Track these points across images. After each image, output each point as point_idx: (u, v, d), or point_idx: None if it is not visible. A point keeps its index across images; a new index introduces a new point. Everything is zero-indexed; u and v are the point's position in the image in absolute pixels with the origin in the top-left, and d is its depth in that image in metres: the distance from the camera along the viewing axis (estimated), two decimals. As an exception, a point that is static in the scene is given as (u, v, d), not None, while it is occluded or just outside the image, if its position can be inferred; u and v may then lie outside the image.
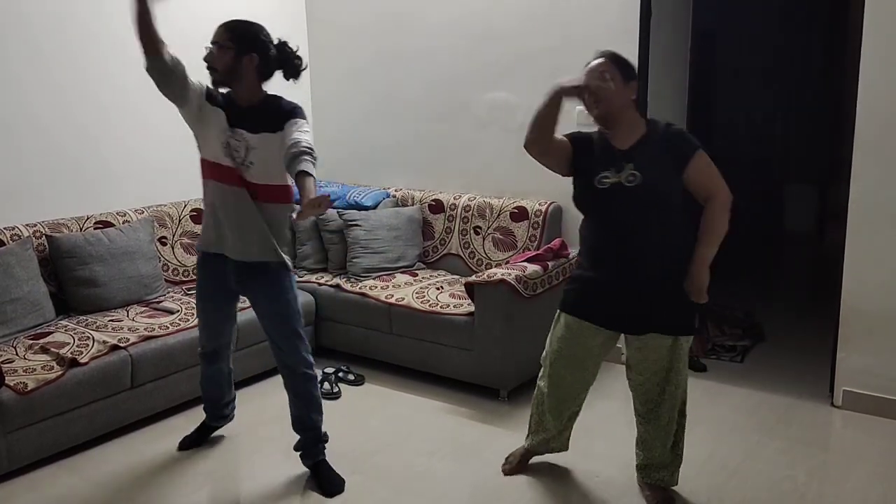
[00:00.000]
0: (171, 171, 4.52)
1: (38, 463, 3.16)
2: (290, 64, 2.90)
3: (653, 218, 2.56)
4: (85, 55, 4.08)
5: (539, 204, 4.30)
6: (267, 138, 2.80)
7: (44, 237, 3.80)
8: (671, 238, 2.59)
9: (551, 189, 4.35)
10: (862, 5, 3.37)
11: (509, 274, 3.71)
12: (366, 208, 4.62)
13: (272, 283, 2.94)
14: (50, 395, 3.12)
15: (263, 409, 3.77)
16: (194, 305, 3.86)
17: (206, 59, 2.82)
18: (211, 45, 2.83)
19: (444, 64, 4.70)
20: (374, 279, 4.31)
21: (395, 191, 4.86)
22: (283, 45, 2.90)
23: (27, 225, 3.80)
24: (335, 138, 5.28)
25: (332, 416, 3.61)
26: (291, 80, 2.93)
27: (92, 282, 3.79)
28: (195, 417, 3.64)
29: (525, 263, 3.88)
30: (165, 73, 2.72)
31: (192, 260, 4.39)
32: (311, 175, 2.59)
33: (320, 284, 4.39)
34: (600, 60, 2.63)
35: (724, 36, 6.43)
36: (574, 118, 4.19)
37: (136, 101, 4.31)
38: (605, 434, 3.46)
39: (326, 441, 3.13)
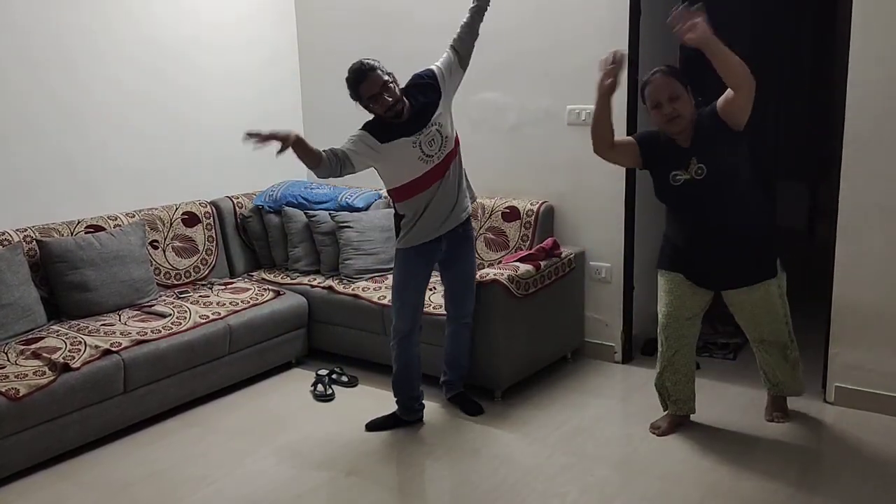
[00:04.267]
0: (162, 174, 4.51)
1: (30, 469, 3.14)
2: None
3: (725, 198, 2.98)
4: (75, 61, 4.06)
5: (531, 204, 4.30)
6: (442, 107, 3.30)
7: (34, 242, 3.78)
8: (746, 208, 3.03)
9: (543, 189, 4.36)
10: (850, 2, 3.38)
11: (502, 274, 3.71)
12: (357, 210, 4.61)
13: (465, 242, 3.50)
14: (42, 400, 3.11)
15: (259, 411, 3.77)
16: (185, 308, 3.87)
17: (387, 105, 3.16)
18: (377, 92, 3.16)
19: (434, 63, 4.69)
20: (366, 280, 4.30)
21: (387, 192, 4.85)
22: None
23: (17, 230, 3.78)
24: (325, 138, 5.23)
25: (326, 419, 3.62)
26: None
27: (83, 286, 3.77)
28: (189, 421, 3.65)
29: (517, 263, 3.88)
30: (342, 172, 3.26)
31: (183, 263, 4.38)
32: None
33: (313, 286, 4.38)
34: (663, 77, 2.97)
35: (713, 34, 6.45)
36: (565, 117, 4.22)
37: (126, 105, 4.30)
38: (598, 433, 3.46)
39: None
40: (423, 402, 3.60)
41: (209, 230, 4.55)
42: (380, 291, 4.14)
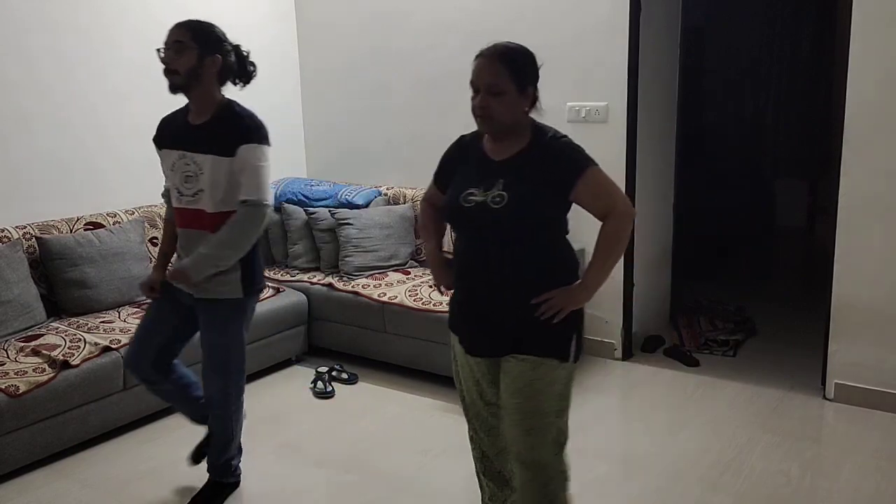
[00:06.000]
0: (161, 171, 4.50)
1: (30, 466, 3.14)
2: (245, 70, 2.76)
3: (520, 241, 2.19)
4: (74, 56, 4.05)
5: (531, 201, 4.29)
6: (218, 162, 2.61)
7: (34, 239, 3.78)
8: (542, 262, 2.24)
9: (543, 186, 4.35)
10: (850, 2, 3.38)
11: (502, 271, 3.70)
12: (357, 207, 4.61)
13: (207, 315, 2.80)
14: (42, 397, 3.11)
15: (259, 408, 3.76)
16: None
17: (164, 62, 2.62)
18: (168, 46, 2.63)
19: (433, 62, 4.70)
20: (366, 278, 4.30)
21: (387, 189, 4.85)
22: (238, 48, 2.74)
23: (17, 227, 3.77)
24: (325, 137, 5.27)
25: (326, 416, 3.62)
26: (240, 86, 2.79)
27: (83, 283, 3.77)
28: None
29: (517, 260, 3.87)
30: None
31: (183, 261, 4.37)
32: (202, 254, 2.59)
33: (312, 284, 4.38)
34: (490, 61, 2.18)
35: (713, 32, 6.46)
36: (565, 114, 4.21)
37: (125, 102, 4.30)
38: (598, 430, 3.46)
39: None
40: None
41: (209, 228, 4.55)
42: (380, 289, 4.14)
